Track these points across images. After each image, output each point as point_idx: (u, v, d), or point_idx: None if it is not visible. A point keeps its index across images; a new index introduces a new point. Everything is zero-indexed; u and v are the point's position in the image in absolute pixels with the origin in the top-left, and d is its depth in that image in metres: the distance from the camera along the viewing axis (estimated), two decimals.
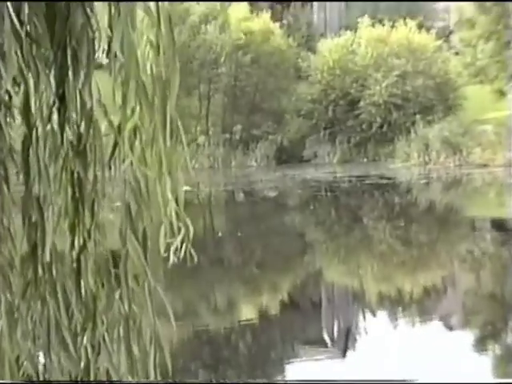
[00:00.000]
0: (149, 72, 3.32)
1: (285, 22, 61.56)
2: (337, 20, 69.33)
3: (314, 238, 29.82)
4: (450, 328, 17.73)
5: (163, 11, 3.20)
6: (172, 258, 3.49)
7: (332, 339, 17.84)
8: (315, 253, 27.38)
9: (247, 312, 19.67)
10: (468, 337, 16.86)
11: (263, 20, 52.32)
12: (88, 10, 3.25)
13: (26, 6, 3.23)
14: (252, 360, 15.91)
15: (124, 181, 3.34)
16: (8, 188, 3.35)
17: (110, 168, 3.43)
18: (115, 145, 3.32)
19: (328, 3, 69.99)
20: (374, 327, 18.19)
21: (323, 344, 17.29)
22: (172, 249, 3.44)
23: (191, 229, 3.47)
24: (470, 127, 44.42)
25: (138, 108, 3.26)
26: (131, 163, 3.30)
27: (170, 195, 3.30)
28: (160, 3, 3.20)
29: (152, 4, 3.17)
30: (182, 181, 3.44)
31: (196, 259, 3.60)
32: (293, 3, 64.86)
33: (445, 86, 48.84)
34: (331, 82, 49.37)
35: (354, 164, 46.12)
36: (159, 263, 3.44)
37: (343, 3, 72.85)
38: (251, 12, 52.82)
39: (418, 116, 46.03)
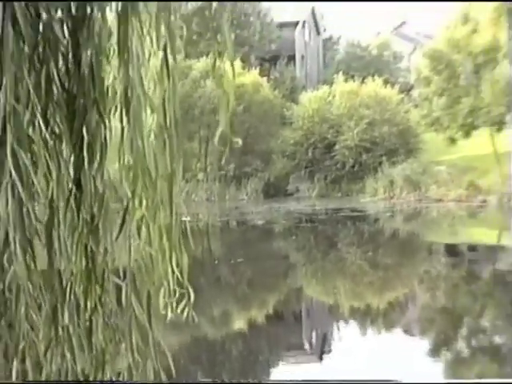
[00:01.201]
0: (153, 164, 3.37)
1: (272, 77, 61.66)
2: (316, 76, 69.65)
3: (296, 261, 29.84)
4: (411, 335, 17.83)
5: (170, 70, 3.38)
6: (169, 315, 3.62)
7: (311, 345, 17.89)
8: (297, 273, 27.40)
9: (239, 323, 19.72)
10: (425, 343, 16.96)
11: (253, 75, 52.45)
12: (101, 108, 3.40)
13: (50, 108, 3.36)
14: (243, 362, 15.95)
15: (129, 255, 3.41)
16: (35, 264, 3.39)
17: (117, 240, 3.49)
18: (123, 223, 3.42)
19: (308, 61, 70.32)
20: (346, 335, 18.27)
21: (303, 349, 17.36)
22: (174, 309, 3.50)
23: (192, 295, 3.64)
24: (428, 167, 44.49)
25: (144, 201, 3.37)
26: (138, 239, 3.38)
27: (173, 265, 3.39)
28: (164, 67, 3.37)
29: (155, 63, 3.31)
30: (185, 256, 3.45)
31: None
32: (279, 61, 64.97)
33: (406, 133, 48.96)
34: (311, 128, 49.40)
35: (330, 198, 46.06)
36: (160, 320, 3.51)
37: (321, 62, 73.24)
38: (243, 68, 52.93)
39: (384, 157, 46.06)
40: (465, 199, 41.12)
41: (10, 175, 3.15)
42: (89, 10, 3.37)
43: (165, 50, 3.38)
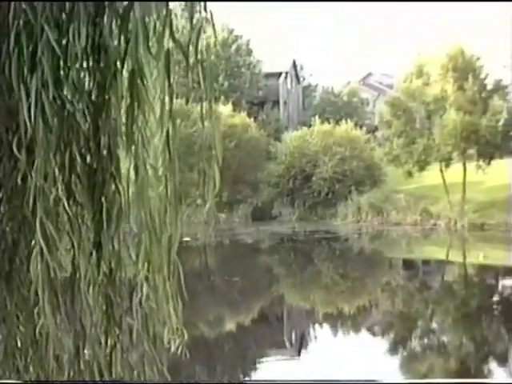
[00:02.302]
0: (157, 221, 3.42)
1: (260, 118, 61.70)
2: (296, 118, 69.84)
3: (279, 273, 30.02)
4: (374, 335, 18.14)
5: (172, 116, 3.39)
6: (172, 348, 3.63)
7: (291, 343, 18.15)
8: (279, 283, 27.61)
9: (230, 325, 19.91)
10: (385, 342, 17.28)
11: (243, 117, 52.36)
12: (117, 181, 3.51)
13: (74, 181, 3.49)
14: (234, 357, 16.21)
15: (140, 302, 3.54)
16: (60, 313, 3.44)
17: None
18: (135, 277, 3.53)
19: (290, 106, 70.65)
20: (321, 335, 18.56)
21: (284, 346, 17.62)
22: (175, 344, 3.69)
23: (186, 335, 3.60)
24: (389, 196, 44.56)
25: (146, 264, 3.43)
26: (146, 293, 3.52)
27: (171, 310, 3.48)
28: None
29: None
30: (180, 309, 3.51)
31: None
32: (265, 105, 65.08)
33: (372, 167, 48.97)
34: (292, 163, 49.27)
35: (308, 221, 46.02)
36: (164, 352, 3.64)
37: (301, 106, 73.51)
38: (234, 110, 53.06)
39: (353, 187, 45.99)
40: (419, 223, 41.47)
41: (39, 243, 3.27)
42: (106, 96, 3.47)
43: (170, 96, 3.37)
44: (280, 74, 68.71)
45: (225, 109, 51.87)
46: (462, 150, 38.77)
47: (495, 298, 22.58)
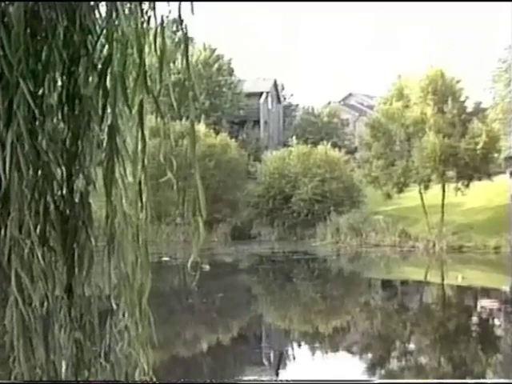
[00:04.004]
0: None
1: (240, 138, 61.87)
2: (277, 138, 70.09)
3: (258, 292, 30.02)
4: (352, 355, 18.18)
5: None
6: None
7: (269, 362, 18.14)
8: (258, 302, 27.62)
9: (209, 343, 19.88)
10: (364, 362, 17.33)
11: (223, 137, 52.36)
12: (89, 228, 3.57)
13: (47, 228, 3.52)
14: (212, 377, 16.14)
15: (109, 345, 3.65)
16: (34, 358, 3.49)
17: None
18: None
19: (270, 126, 70.91)
20: (299, 354, 18.58)
21: (263, 365, 17.61)
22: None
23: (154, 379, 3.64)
24: (368, 217, 44.77)
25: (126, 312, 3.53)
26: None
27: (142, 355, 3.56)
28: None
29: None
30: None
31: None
32: (246, 125, 65.27)
33: (351, 188, 49.15)
34: (271, 183, 49.29)
35: (287, 241, 46.02)
36: None
37: (281, 126, 73.76)
38: (214, 130, 53.16)
39: (332, 208, 46.17)
40: (398, 244, 41.63)
41: (14, 293, 3.31)
42: (80, 144, 3.53)
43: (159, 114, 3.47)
44: (261, 94, 69.03)
45: (202, 128, 52.03)
46: (440, 172, 39.05)
47: (474, 319, 22.71)
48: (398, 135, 41.02)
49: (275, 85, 72.88)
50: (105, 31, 3.44)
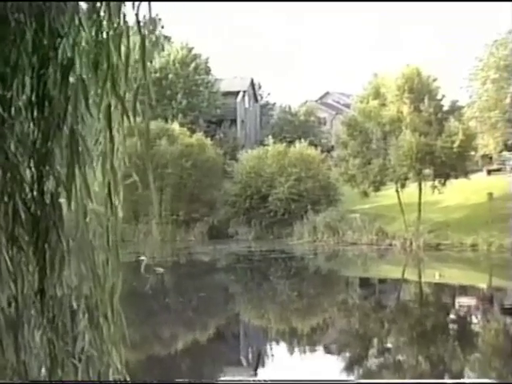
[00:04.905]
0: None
1: (217, 137, 61.85)
2: (254, 137, 70.06)
3: (235, 291, 29.97)
4: (330, 354, 18.16)
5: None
6: None
7: (247, 361, 18.09)
8: (235, 301, 27.57)
9: (186, 342, 19.80)
10: (342, 360, 17.31)
11: (199, 136, 52.21)
12: (60, 230, 3.53)
13: (17, 230, 3.51)
14: (191, 377, 16.05)
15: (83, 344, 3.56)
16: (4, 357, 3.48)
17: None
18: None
19: (247, 125, 70.90)
20: (277, 353, 18.53)
21: (241, 365, 17.56)
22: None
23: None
24: (345, 215, 44.87)
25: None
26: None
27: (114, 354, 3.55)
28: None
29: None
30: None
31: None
32: (223, 124, 65.22)
33: (328, 187, 49.25)
34: (248, 182, 49.31)
35: (264, 240, 46.05)
36: None
37: (258, 125, 73.78)
38: (191, 129, 53.10)
39: (309, 207, 46.19)
40: (375, 243, 41.73)
41: None
42: (50, 146, 3.49)
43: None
44: (238, 92, 69.02)
45: (178, 128, 51.97)
46: (417, 170, 39.15)
47: (452, 316, 22.75)
48: (374, 134, 41.12)
49: (252, 83, 72.87)
50: (71, 34, 3.43)
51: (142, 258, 33.63)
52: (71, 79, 3.40)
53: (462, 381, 14.82)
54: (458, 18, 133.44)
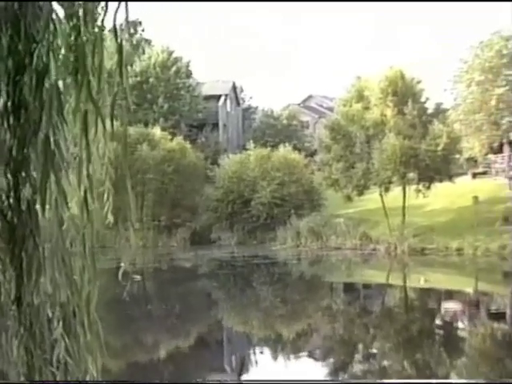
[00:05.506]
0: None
1: (199, 141, 61.90)
2: (236, 141, 70.10)
3: (218, 297, 29.91)
4: (315, 360, 18.11)
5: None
6: None
7: (231, 368, 18.03)
8: (218, 307, 27.50)
9: (169, 349, 19.71)
10: (326, 366, 17.27)
11: (179, 140, 52.07)
12: (36, 238, 3.55)
13: None
14: (174, 381, 15.96)
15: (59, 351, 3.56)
16: None
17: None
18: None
19: (229, 128, 70.85)
20: (261, 359, 18.46)
21: (224, 371, 17.50)
22: None
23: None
24: (328, 220, 44.96)
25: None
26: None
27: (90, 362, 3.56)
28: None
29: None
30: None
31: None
32: (205, 128, 65.20)
33: (311, 192, 49.35)
34: (230, 187, 49.35)
35: (247, 246, 46.04)
36: None
37: (240, 129, 73.78)
38: (171, 134, 53.01)
39: (292, 211, 46.28)
40: (359, 247, 41.76)
41: None
42: (26, 153, 3.50)
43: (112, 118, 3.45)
44: (220, 96, 68.99)
45: (159, 133, 51.91)
46: (401, 174, 39.18)
47: (437, 322, 22.76)
48: (358, 137, 41.13)
49: (234, 87, 72.86)
50: (46, 39, 3.43)
51: (123, 264, 33.62)
52: (46, 85, 3.38)
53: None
54: (455, 18, 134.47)
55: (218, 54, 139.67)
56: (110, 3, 3.35)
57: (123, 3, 3.30)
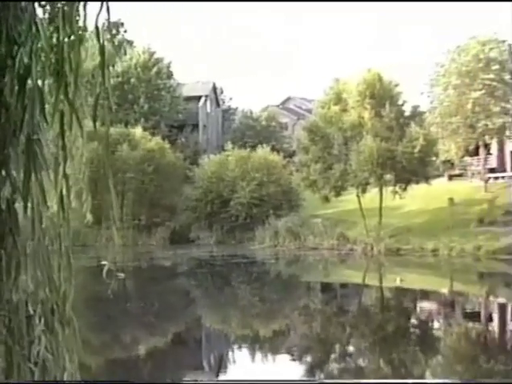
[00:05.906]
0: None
1: (179, 141, 61.90)
2: (215, 142, 70.08)
3: (196, 295, 29.89)
4: (292, 359, 18.10)
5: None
6: None
7: (209, 366, 18.00)
8: (197, 305, 27.45)
9: (147, 347, 19.63)
10: (303, 365, 17.28)
11: (158, 141, 52.03)
12: (16, 237, 3.54)
13: None
14: (152, 381, 15.91)
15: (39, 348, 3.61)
16: None
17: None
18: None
19: (209, 129, 70.81)
20: (239, 358, 18.44)
21: (202, 369, 17.46)
22: None
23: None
24: (306, 221, 45.11)
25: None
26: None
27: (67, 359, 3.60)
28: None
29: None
30: None
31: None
32: (185, 129, 65.19)
33: (289, 192, 49.49)
34: (209, 187, 49.41)
35: (226, 245, 46.08)
36: None
37: (220, 130, 73.75)
38: (151, 134, 52.99)
39: (270, 212, 46.39)
40: (336, 248, 41.93)
41: None
42: (6, 152, 3.48)
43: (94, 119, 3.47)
44: (200, 97, 68.94)
45: (139, 133, 51.84)
46: (378, 175, 39.36)
47: (413, 321, 22.87)
48: (335, 139, 41.26)
49: (214, 88, 72.83)
50: (28, 42, 3.42)
51: (104, 262, 33.50)
52: (28, 85, 3.38)
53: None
54: (456, 19, 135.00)
55: (219, 54, 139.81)
56: (92, 5, 3.36)
57: (105, 5, 3.32)
